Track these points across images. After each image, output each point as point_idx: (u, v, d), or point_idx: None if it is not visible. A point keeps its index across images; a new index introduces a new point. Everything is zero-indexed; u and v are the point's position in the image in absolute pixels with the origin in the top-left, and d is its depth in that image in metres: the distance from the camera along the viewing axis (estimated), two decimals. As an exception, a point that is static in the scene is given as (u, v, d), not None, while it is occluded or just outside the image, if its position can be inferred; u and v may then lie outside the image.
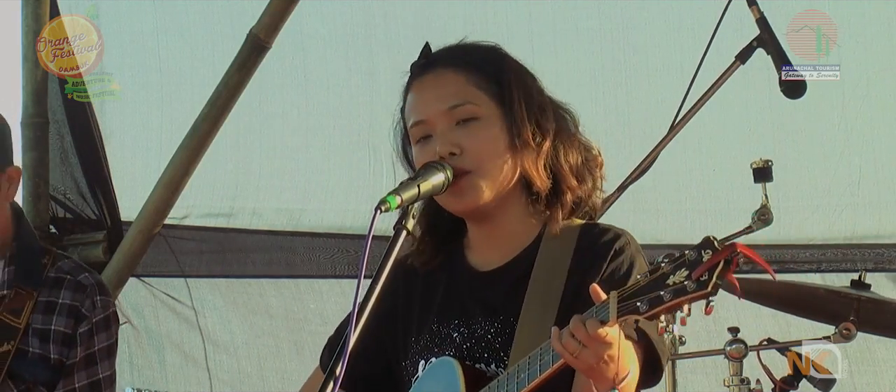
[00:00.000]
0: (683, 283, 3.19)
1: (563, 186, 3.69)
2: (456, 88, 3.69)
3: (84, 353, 4.65)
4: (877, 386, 6.17)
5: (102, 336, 4.69)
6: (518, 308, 3.62)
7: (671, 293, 3.20)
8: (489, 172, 3.65)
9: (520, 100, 3.70)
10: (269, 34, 6.03)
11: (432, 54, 3.79)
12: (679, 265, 3.21)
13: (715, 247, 3.18)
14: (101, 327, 4.69)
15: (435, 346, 3.71)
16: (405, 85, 3.80)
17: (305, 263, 6.60)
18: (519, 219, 3.72)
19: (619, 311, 3.26)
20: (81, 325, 4.66)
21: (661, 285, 3.22)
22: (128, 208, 6.49)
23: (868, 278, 5.18)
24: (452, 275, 3.77)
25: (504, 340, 3.63)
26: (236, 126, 6.34)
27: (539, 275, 3.64)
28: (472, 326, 3.68)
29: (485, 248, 3.75)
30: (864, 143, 6.09)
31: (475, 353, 3.65)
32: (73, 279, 4.72)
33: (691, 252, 3.20)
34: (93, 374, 4.68)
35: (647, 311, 3.23)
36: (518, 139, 3.66)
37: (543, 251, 3.67)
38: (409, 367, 3.75)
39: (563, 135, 3.72)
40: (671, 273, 3.21)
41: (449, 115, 3.68)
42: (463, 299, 3.73)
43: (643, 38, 6.19)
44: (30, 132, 6.33)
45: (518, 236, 3.72)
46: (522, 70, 3.77)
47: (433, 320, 3.74)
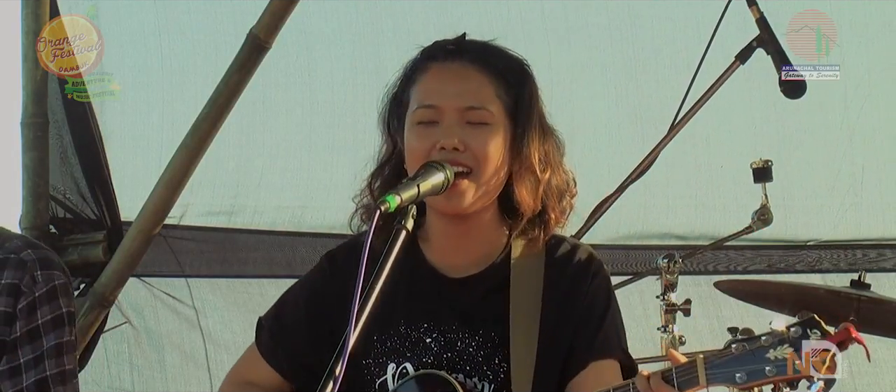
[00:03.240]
0: (794, 363, 3.21)
1: (549, 212, 3.70)
2: (478, 89, 3.68)
3: (26, 328, 4.57)
4: (877, 386, 6.17)
5: (46, 309, 4.58)
6: (498, 321, 3.62)
7: (775, 368, 3.22)
8: (484, 179, 3.64)
9: (534, 124, 3.70)
10: (269, 34, 6.02)
11: (464, 44, 3.76)
12: (781, 341, 3.21)
13: (823, 329, 3.19)
14: (43, 300, 4.59)
15: (407, 351, 3.68)
16: (422, 59, 3.76)
17: (307, 263, 6.58)
18: (489, 226, 3.71)
19: (708, 378, 3.26)
20: (20, 301, 4.58)
21: (762, 358, 3.22)
22: (128, 208, 6.48)
23: (868, 278, 5.18)
24: (414, 273, 3.74)
25: (487, 354, 3.62)
26: (238, 124, 6.34)
27: (517, 288, 3.64)
28: (447, 335, 3.66)
29: (448, 250, 3.73)
30: (867, 143, 6.09)
31: (456, 365, 3.64)
32: (15, 257, 4.62)
33: (796, 329, 3.21)
34: (37, 347, 4.60)
35: (747, 382, 3.23)
36: (523, 163, 3.66)
37: (517, 264, 3.67)
38: (372, 367, 3.72)
39: (554, 163, 3.73)
40: (772, 347, 3.22)
41: (462, 113, 3.67)
42: (432, 303, 3.71)
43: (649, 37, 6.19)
44: (30, 132, 6.32)
45: (487, 244, 3.72)
46: (539, 95, 3.76)
47: (400, 322, 3.71)
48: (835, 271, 6.08)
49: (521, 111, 3.68)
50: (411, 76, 3.75)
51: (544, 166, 3.68)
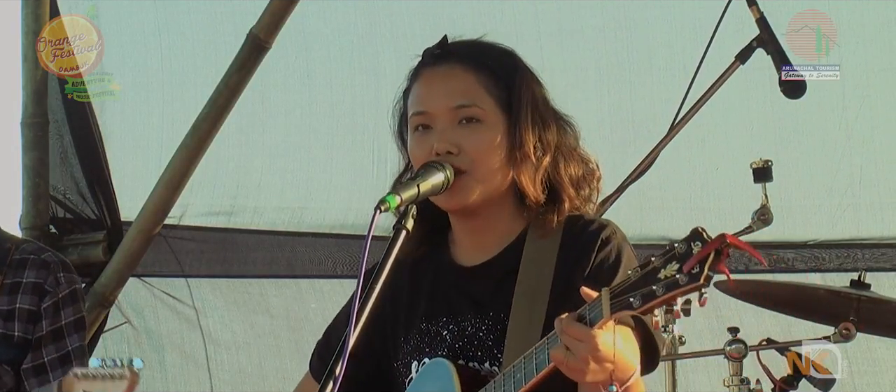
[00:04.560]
0: (675, 276, 3.16)
1: (562, 195, 3.68)
2: (465, 87, 3.69)
3: (50, 328, 4.64)
4: (877, 386, 6.17)
5: (69, 311, 4.68)
6: (507, 304, 3.62)
7: (663, 287, 3.18)
8: (483, 176, 3.65)
9: (527, 112, 3.68)
10: (269, 34, 6.03)
11: (448, 46, 3.77)
12: (670, 258, 3.18)
13: (704, 238, 3.15)
14: (67, 302, 4.69)
15: (426, 347, 3.70)
16: (414, 69, 3.78)
17: (307, 263, 6.60)
18: (506, 218, 3.72)
19: (611, 308, 3.24)
20: (45, 301, 4.66)
21: (653, 279, 3.19)
22: (128, 208, 6.49)
23: (868, 278, 5.18)
24: (437, 271, 3.76)
25: (496, 337, 3.63)
26: (238, 124, 6.34)
27: (526, 270, 3.63)
28: (461, 323, 3.68)
29: (469, 245, 3.74)
30: (866, 143, 6.09)
31: (468, 352, 3.65)
32: (37, 258, 4.73)
33: (681, 244, 3.17)
34: (62, 347, 4.67)
35: (640, 306, 3.21)
36: (519, 151, 3.65)
37: (529, 246, 3.66)
38: (401, 369, 3.75)
39: (564, 148, 3.72)
40: (662, 267, 3.19)
41: (453, 113, 3.67)
42: (449, 295, 3.73)
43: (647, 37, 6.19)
44: (30, 132, 6.33)
45: (503, 233, 3.72)
46: (533, 80, 3.76)
47: (421, 319, 3.73)
48: (835, 271, 6.08)
49: (513, 101, 3.68)
50: (408, 87, 3.77)
51: (542, 152, 3.67)
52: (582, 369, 3.29)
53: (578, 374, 3.31)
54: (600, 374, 3.30)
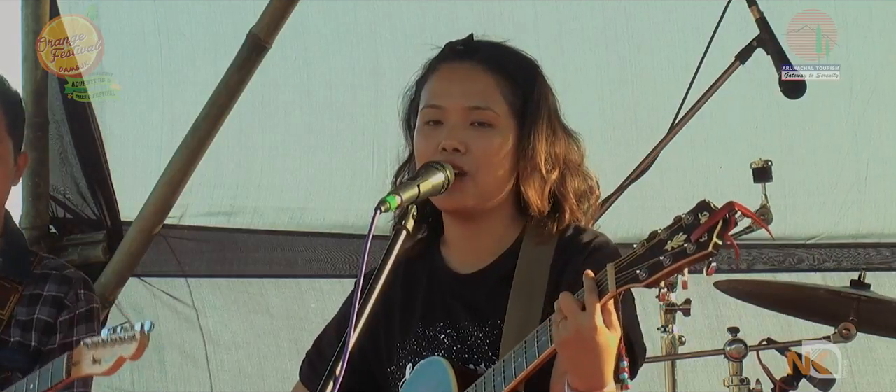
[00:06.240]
0: (683, 246, 3.15)
1: (564, 206, 3.69)
2: (483, 89, 3.68)
3: (61, 342, 4.67)
4: (877, 386, 6.17)
5: (82, 328, 4.70)
6: (503, 311, 3.62)
7: (671, 257, 3.17)
8: (484, 180, 3.65)
9: (541, 125, 3.69)
10: (269, 34, 6.03)
11: (473, 44, 3.76)
12: (676, 230, 3.18)
13: (711, 208, 3.15)
14: (82, 319, 4.71)
15: (423, 350, 3.70)
16: (433, 60, 3.77)
17: (306, 263, 6.60)
18: (502, 224, 3.72)
19: (617, 282, 3.24)
20: (62, 315, 4.69)
21: (660, 251, 3.19)
22: (128, 208, 6.49)
23: (868, 278, 5.18)
24: (432, 277, 3.76)
25: (493, 342, 3.63)
26: (238, 124, 6.34)
27: (521, 276, 3.64)
28: (460, 331, 3.67)
29: (463, 249, 3.74)
30: (870, 141, 6.10)
31: (464, 357, 3.65)
32: (58, 273, 4.76)
33: (688, 215, 3.18)
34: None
35: (648, 278, 3.20)
36: (529, 162, 3.66)
37: (525, 252, 3.67)
38: (395, 372, 3.74)
39: (571, 163, 3.73)
40: (669, 239, 3.18)
41: (467, 113, 3.67)
42: (445, 301, 3.72)
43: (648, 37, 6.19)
44: (30, 132, 6.30)
45: (499, 239, 3.72)
46: (551, 93, 3.76)
47: (418, 324, 3.73)
48: (835, 270, 6.08)
49: (528, 112, 3.68)
50: (424, 77, 3.76)
51: (552, 166, 3.68)
52: (581, 343, 3.27)
53: (574, 347, 3.29)
54: (595, 358, 3.30)
